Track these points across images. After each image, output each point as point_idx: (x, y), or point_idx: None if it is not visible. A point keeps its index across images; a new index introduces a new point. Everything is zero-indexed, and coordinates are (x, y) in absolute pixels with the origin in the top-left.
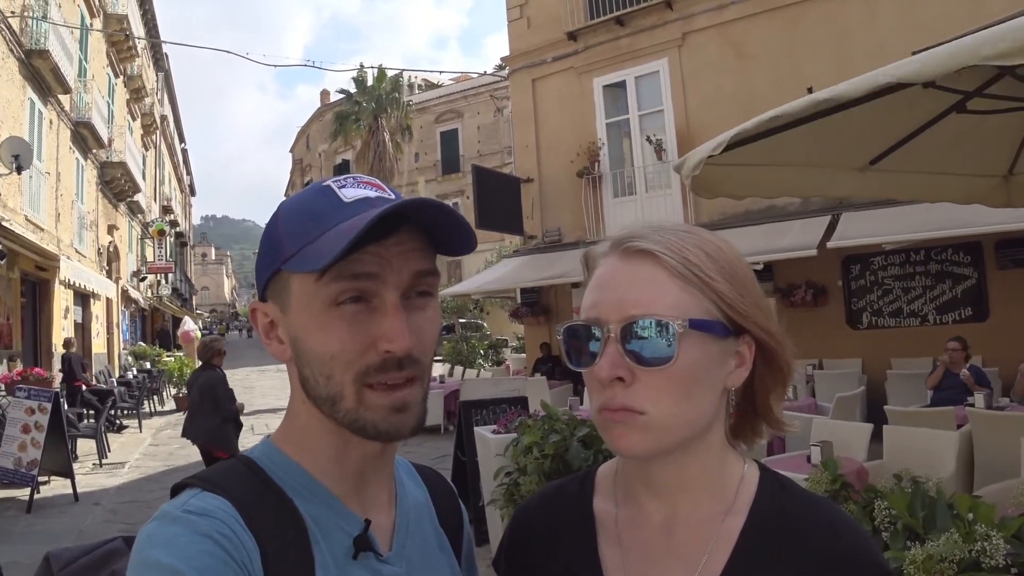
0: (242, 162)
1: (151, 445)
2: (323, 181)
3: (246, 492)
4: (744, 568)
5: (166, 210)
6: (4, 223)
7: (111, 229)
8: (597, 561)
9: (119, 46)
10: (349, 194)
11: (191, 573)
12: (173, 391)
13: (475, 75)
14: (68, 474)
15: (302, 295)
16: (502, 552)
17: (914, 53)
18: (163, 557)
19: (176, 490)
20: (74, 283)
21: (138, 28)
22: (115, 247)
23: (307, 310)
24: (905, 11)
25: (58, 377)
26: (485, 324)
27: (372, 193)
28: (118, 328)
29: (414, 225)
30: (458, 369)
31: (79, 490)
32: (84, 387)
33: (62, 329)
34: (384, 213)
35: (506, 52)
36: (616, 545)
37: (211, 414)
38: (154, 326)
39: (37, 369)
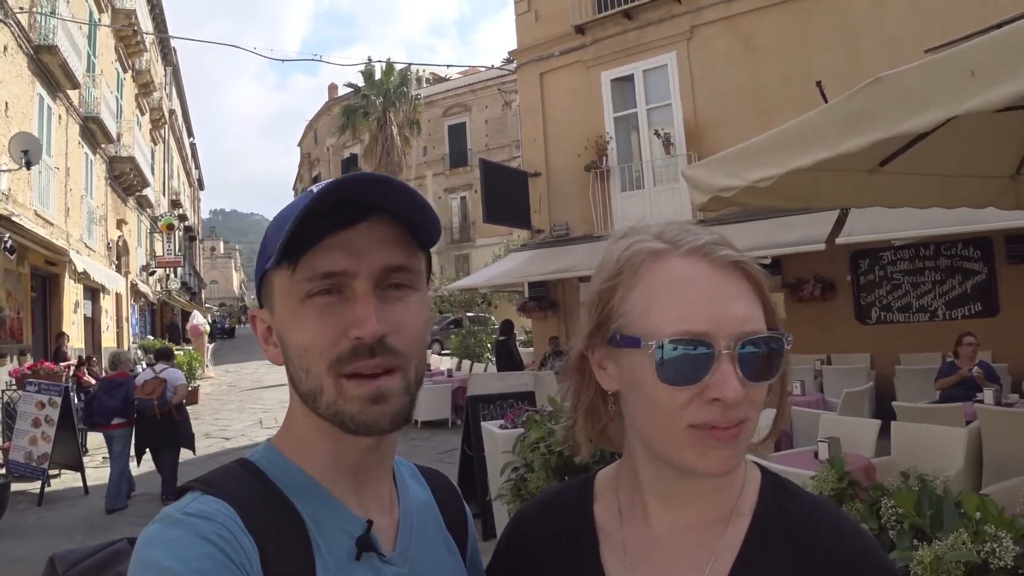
0: (246, 156)
1: None
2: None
3: (246, 495)
4: (749, 572)
5: (175, 204)
6: (14, 218)
7: (120, 224)
8: (600, 568)
9: (127, 41)
10: None
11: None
12: None
13: (483, 68)
14: (78, 467)
15: (281, 293)
16: (498, 561)
17: (927, 52)
18: (163, 559)
19: (179, 493)
20: (83, 277)
21: (146, 23)
22: (124, 241)
23: (285, 305)
24: (914, 3)
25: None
26: (492, 318)
27: None
28: (127, 322)
29: (389, 216)
30: (466, 363)
31: (89, 483)
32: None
33: (72, 323)
34: (322, 190)
35: (509, 42)
36: (620, 552)
37: None
38: (163, 320)
39: (47, 363)
